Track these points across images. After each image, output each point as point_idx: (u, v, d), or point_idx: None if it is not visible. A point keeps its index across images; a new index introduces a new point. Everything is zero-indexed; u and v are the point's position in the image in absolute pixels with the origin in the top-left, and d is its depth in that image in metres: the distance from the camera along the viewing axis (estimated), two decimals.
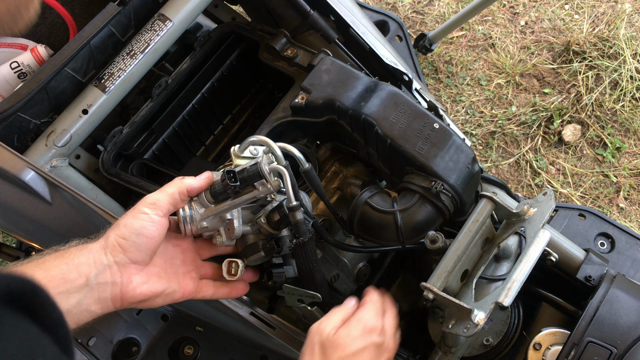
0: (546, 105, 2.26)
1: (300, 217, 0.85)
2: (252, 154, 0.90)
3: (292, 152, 0.88)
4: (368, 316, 0.88)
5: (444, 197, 0.92)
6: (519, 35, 2.45)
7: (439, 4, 2.57)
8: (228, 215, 0.87)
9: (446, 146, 0.93)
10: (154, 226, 0.81)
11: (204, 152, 1.33)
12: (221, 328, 1.25)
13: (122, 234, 0.80)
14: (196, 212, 0.86)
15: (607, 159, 2.17)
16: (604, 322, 0.99)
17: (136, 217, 0.81)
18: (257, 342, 1.24)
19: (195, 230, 0.87)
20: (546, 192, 0.97)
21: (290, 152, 0.88)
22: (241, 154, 0.89)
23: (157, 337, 1.28)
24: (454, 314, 0.91)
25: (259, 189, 0.84)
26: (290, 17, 1.24)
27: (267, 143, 0.86)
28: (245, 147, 0.89)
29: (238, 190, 0.85)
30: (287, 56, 1.15)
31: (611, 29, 2.34)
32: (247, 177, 0.83)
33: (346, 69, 1.03)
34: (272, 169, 0.83)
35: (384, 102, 0.96)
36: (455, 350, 1.05)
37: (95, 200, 1.03)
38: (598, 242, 1.39)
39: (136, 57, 1.09)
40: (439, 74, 2.40)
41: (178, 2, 1.13)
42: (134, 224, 0.80)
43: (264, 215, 0.89)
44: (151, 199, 0.83)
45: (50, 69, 0.99)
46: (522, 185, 2.17)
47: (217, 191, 0.86)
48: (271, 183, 0.83)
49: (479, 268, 0.95)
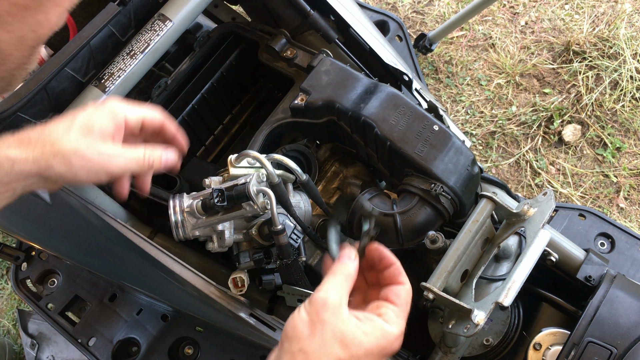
0: (546, 105, 2.26)
1: (285, 240, 0.87)
2: (249, 164, 0.90)
3: (288, 165, 0.89)
4: (393, 336, 0.67)
5: (444, 199, 0.92)
6: (519, 35, 2.45)
7: (439, 4, 2.56)
8: (219, 226, 0.89)
9: (445, 148, 0.93)
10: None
11: (204, 152, 1.33)
12: (221, 328, 1.25)
13: None
14: (188, 221, 0.88)
15: (607, 159, 2.17)
16: (604, 322, 0.99)
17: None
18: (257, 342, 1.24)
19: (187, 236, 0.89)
20: (546, 192, 0.97)
21: (286, 164, 0.89)
22: (237, 164, 0.89)
23: (157, 337, 1.28)
24: (454, 314, 0.91)
25: (247, 209, 0.85)
26: (290, 17, 1.24)
27: (259, 160, 0.87)
28: (242, 159, 0.89)
29: (227, 207, 0.86)
30: (287, 57, 1.15)
31: (611, 29, 2.34)
32: (235, 197, 0.84)
33: (346, 70, 1.03)
34: (259, 190, 0.84)
35: (383, 103, 0.96)
36: (455, 350, 1.05)
37: (95, 200, 1.03)
38: (598, 242, 1.39)
39: (136, 57, 1.09)
40: (439, 74, 2.40)
41: (178, 2, 1.13)
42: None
43: (256, 226, 0.90)
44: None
45: (50, 69, 0.99)
46: (522, 185, 2.17)
47: (208, 206, 0.87)
48: (257, 205, 0.84)
49: (479, 268, 0.95)
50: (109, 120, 0.75)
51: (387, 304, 0.69)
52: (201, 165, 1.18)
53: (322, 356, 0.63)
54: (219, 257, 1.10)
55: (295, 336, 0.64)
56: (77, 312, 1.37)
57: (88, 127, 0.73)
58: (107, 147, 0.74)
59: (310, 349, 0.63)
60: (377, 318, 0.67)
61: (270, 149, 1.06)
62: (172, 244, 1.11)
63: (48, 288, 1.39)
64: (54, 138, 0.72)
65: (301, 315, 0.65)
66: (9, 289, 2.18)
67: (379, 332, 0.65)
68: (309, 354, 0.63)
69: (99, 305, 1.32)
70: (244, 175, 0.87)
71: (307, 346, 0.63)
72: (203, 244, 0.95)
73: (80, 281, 1.36)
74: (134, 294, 1.32)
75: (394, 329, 0.66)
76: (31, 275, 1.41)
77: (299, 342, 0.64)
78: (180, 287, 1.04)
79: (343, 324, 0.64)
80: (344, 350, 0.63)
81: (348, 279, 0.68)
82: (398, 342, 0.68)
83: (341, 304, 0.65)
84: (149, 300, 1.31)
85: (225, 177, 0.93)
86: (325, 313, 0.64)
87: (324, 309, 0.64)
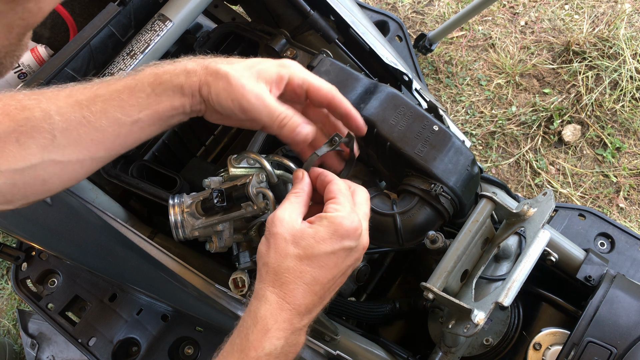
0: (546, 105, 2.26)
1: None
2: (249, 164, 0.90)
3: (288, 165, 0.89)
4: (340, 217, 0.72)
5: (443, 199, 0.92)
6: (519, 35, 2.45)
7: (439, 4, 2.56)
8: (219, 226, 0.89)
9: (445, 148, 0.93)
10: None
11: (204, 152, 1.33)
12: (221, 328, 1.25)
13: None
14: (187, 222, 0.88)
15: (607, 159, 2.17)
16: (604, 322, 0.99)
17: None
18: None
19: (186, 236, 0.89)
20: (546, 192, 0.97)
21: (286, 165, 0.89)
22: (237, 165, 0.89)
23: (157, 337, 1.28)
24: (454, 314, 0.91)
25: (246, 209, 0.85)
26: (290, 17, 1.24)
27: (259, 161, 0.87)
28: (242, 159, 0.89)
29: (227, 208, 0.86)
30: (287, 57, 1.15)
31: (611, 29, 2.34)
32: (235, 198, 0.84)
33: (345, 70, 1.03)
34: (259, 191, 0.84)
35: (383, 103, 0.96)
36: (455, 350, 1.05)
37: (95, 200, 1.03)
38: (598, 242, 1.39)
39: (136, 57, 1.09)
40: (439, 74, 2.40)
41: (178, 2, 1.13)
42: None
43: (256, 227, 0.90)
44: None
45: (50, 69, 0.99)
46: (522, 185, 2.17)
47: (207, 206, 0.87)
48: (257, 205, 0.84)
49: (479, 268, 0.95)
50: (274, 68, 0.78)
51: (329, 203, 0.75)
52: (201, 165, 1.18)
53: (280, 260, 0.71)
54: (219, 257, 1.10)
55: (259, 256, 0.73)
56: (77, 312, 1.37)
57: (252, 65, 0.77)
58: (259, 86, 0.76)
59: (270, 260, 0.71)
60: (324, 214, 0.73)
61: (270, 150, 1.06)
62: (172, 244, 1.11)
63: (48, 288, 1.39)
64: (219, 61, 0.77)
65: (261, 240, 0.74)
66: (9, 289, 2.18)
67: (325, 221, 0.72)
68: (269, 264, 0.71)
69: (99, 305, 1.32)
70: (243, 176, 0.87)
71: (267, 258, 0.71)
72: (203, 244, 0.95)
73: (80, 281, 1.36)
74: (134, 294, 1.32)
75: (340, 213, 0.72)
76: (31, 275, 1.41)
77: (261, 259, 0.72)
78: (180, 287, 1.04)
79: (293, 229, 0.71)
80: (296, 246, 0.70)
81: (298, 195, 0.76)
82: (353, 225, 0.72)
83: (291, 217, 0.73)
84: (149, 300, 1.31)
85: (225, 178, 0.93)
86: (275, 227, 0.72)
87: (274, 224, 0.72)
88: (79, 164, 0.74)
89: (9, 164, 0.68)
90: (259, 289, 0.72)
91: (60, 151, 0.72)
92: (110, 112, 0.74)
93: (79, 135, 0.72)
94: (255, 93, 0.75)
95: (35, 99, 0.71)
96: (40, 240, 1.27)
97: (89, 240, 1.16)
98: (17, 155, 0.68)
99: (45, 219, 1.14)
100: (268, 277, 0.71)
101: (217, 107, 0.77)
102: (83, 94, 0.74)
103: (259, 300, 0.71)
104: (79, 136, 0.72)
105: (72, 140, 0.72)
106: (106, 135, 0.74)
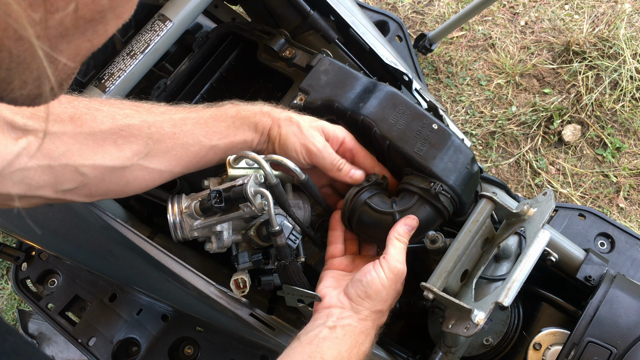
0: (546, 105, 2.26)
1: (282, 241, 0.88)
2: (247, 164, 0.90)
3: (287, 165, 0.89)
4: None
5: (443, 198, 0.92)
6: (519, 35, 2.45)
7: (439, 4, 2.56)
8: (218, 227, 0.89)
9: (445, 147, 0.93)
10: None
11: None
12: (221, 328, 1.25)
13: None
14: (186, 222, 0.88)
15: (607, 159, 2.17)
16: (604, 322, 0.99)
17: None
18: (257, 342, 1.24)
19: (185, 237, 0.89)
20: (546, 192, 0.97)
21: (285, 164, 0.89)
22: (236, 165, 0.89)
23: (157, 337, 1.28)
24: (454, 314, 0.91)
25: (244, 210, 0.85)
26: (290, 17, 1.24)
27: (257, 161, 0.87)
28: (240, 160, 0.89)
29: (225, 208, 0.86)
30: (286, 57, 1.15)
31: (611, 29, 2.34)
32: (233, 198, 0.84)
33: (345, 69, 1.03)
34: (257, 191, 0.84)
35: (382, 102, 0.96)
36: (455, 350, 1.05)
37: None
38: (598, 242, 1.39)
39: (136, 57, 1.09)
40: (439, 74, 2.40)
41: (178, 2, 1.13)
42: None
43: (255, 227, 0.90)
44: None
45: None
46: (522, 185, 2.17)
47: (205, 207, 0.87)
48: (255, 206, 0.84)
49: (479, 268, 0.95)
50: (334, 129, 0.93)
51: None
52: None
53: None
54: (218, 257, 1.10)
55: (378, 295, 0.87)
56: (77, 312, 1.37)
57: (317, 121, 0.93)
58: (322, 138, 0.91)
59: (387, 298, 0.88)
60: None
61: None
62: (172, 244, 1.11)
63: (48, 288, 1.39)
64: (290, 111, 0.93)
65: (382, 280, 0.88)
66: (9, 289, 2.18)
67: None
68: (387, 301, 0.88)
69: (99, 305, 1.32)
70: (242, 176, 0.87)
71: (386, 296, 0.87)
72: (203, 244, 0.95)
73: (80, 281, 1.36)
74: (134, 294, 1.32)
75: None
76: (31, 275, 1.41)
77: (380, 298, 0.87)
78: (180, 287, 1.04)
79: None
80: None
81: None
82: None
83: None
84: (149, 300, 1.31)
85: (224, 178, 0.93)
86: (400, 280, 0.89)
87: (401, 278, 0.89)
88: (159, 174, 0.84)
89: (104, 160, 0.76)
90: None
91: (149, 159, 0.81)
92: (196, 134, 0.84)
93: (167, 148, 0.82)
94: (323, 142, 0.89)
95: (135, 110, 0.81)
96: (40, 240, 1.27)
97: (89, 240, 1.16)
98: (113, 154, 0.77)
99: (45, 219, 1.14)
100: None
101: (281, 147, 0.89)
102: (177, 114, 0.85)
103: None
104: (167, 149, 0.82)
105: (161, 151, 0.82)
106: (188, 153, 0.84)
